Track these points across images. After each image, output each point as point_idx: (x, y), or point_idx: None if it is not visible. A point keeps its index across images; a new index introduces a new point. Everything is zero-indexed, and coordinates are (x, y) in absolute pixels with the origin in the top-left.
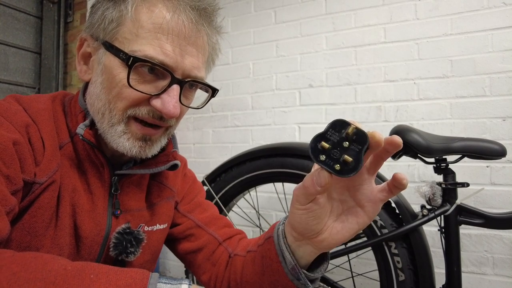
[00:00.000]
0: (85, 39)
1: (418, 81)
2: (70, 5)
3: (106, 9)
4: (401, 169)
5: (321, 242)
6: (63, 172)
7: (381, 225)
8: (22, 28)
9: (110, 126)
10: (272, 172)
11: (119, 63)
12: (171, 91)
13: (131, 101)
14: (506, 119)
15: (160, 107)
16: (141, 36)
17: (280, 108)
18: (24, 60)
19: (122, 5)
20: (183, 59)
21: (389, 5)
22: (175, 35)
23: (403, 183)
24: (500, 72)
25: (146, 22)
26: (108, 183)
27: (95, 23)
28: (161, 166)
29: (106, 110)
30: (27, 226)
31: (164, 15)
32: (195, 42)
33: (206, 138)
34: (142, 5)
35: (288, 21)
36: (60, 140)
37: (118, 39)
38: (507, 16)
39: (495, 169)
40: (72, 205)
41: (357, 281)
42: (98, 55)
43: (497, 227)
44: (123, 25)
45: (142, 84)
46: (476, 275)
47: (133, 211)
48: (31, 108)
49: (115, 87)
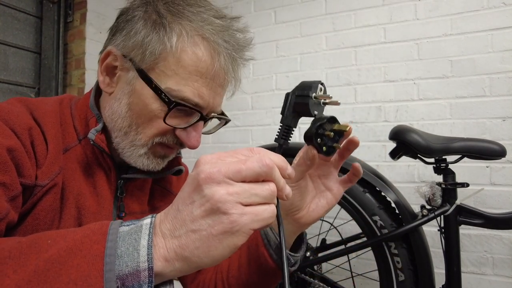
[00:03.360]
0: (110, 52)
1: (418, 81)
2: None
3: (147, 36)
4: (401, 169)
5: (300, 219)
6: (69, 174)
7: (381, 225)
8: (22, 28)
9: (131, 146)
10: None
11: (153, 94)
12: (197, 127)
13: (161, 130)
14: (506, 119)
15: (185, 139)
16: (181, 76)
17: (280, 108)
18: (24, 60)
19: (165, 37)
20: (213, 100)
21: (389, 5)
22: (210, 79)
23: (359, 171)
24: (500, 72)
25: (188, 64)
26: (114, 186)
27: (132, 46)
28: (166, 171)
29: (131, 132)
30: (30, 229)
31: (206, 59)
32: (224, 85)
33: (206, 138)
34: (185, 43)
35: (288, 21)
36: (67, 143)
37: (155, 71)
38: (507, 16)
39: (495, 169)
40: (78, 207)
41: (357, 281)
42: (129, 75)
43: (497, 227)
44: (164, 60)
45: (174, 118)
46: (476, 275)
47: (136, 213)
48: (37, 110)
49: (146, 115)
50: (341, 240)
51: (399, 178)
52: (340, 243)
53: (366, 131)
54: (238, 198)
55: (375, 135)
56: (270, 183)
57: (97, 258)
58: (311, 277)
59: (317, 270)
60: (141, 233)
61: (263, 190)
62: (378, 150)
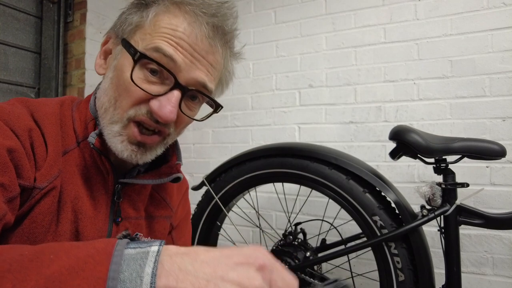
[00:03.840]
0: (110, 37)
1: (418, 81)
2: (70, 5)
3: (129, 14)
4: (401, 169)
5: None
6: (67, 177)
7: (380, 225)
8: (22, 28)
9: (109, 123)
10: (272, 172)
11: (131, 62)
12: (171, 95)
13: (133, 99)
14: (506, 120)
15: (156, 109)
16: (157, 35)
17: (280, 108)
18: (24, 60)
19: (144, 11)
20: (190, 67)
21: (389, 5)
22: (188, 42)
23: None
24: (499, 72)
25: (163, 27)
26: (111, 190)
27: (118, 22)
28: (164, 177)
29: (110, 107)
30: (27, 232)
31: (182, 23)
32: (206, 57)
33: (206, 138)
34: (163, 14)
35: (288, 21)
36: (66, 146)
37: (135, 39)
38: (507, 16)
39: (495, 170)
40: (75, 211)
41: (357, 281)
42: (116, 51)
43: (497, 227)
44: (141, 28)
45: (146, 83)
46: (475, 276)
47: (131, 219)
48: (38, 111)
49: (121, 84)
50: (341, 240)
51: (399, 178)
52: (340, 243)
53: (366, 131)
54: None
55: (375, 135)
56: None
57: (99, 281)
58: (311, 277)
59: (317, 270)
60: (146, 259)
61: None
62: (378, 150)
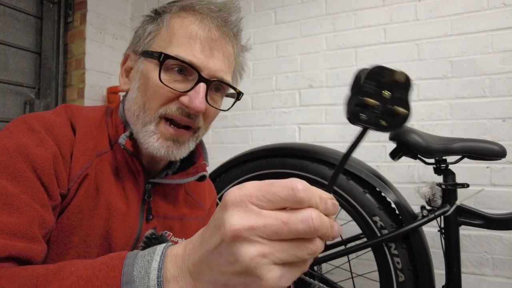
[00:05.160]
0: (128, 55)
1: (418, 82)
2: (70, 5)
3: (144, 27)
4: (401, 169)
5: None
6: (102, 177)
7: (381, 226)
8: (22, 28)
9: (143, 126)
10: (272, 172)
11: (154, 66)
12: (198, 88)
13: (163, 99)
14: (506, 120)
15: (187, 103)
16: (174, 43)
17: (280, 109)
18: (24, 60)
19: (159, 19)
20: (209, 60)
21: (389, 5)
22: (203, 39)
23: None
24: (500, 73)
25: (178, 31)
26: (142, 189)
27: (137, 38)
28: (191, 177)
29: (141, 112)
30: (64, 224)
31: (194, 23)
32: (222, 48)
33: (205, 138)
34: (175, 18)
35: (288, 21)
36: (101, 148)
37: (154, 48)
38: (507, 17)
39: (495, 170)
40: (108, 208)
41: (357, 281)
42: (137, 65)
43: (497, 228)
44: (159, 35)
45: (173, 83)
46: (476, 276)
47: (162, 218)
48: (75, 116)
49: (149, 88)
50: (341, 240)
51: (399, 179)
52: (340, 243)
53: None
54: (274, 258)
55: (375, 136)
56: (314, 241)
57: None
58: (311, 277)
59: (317, 271)
60: (154, 254)
61: (303, 254)
62: (378, 150)
